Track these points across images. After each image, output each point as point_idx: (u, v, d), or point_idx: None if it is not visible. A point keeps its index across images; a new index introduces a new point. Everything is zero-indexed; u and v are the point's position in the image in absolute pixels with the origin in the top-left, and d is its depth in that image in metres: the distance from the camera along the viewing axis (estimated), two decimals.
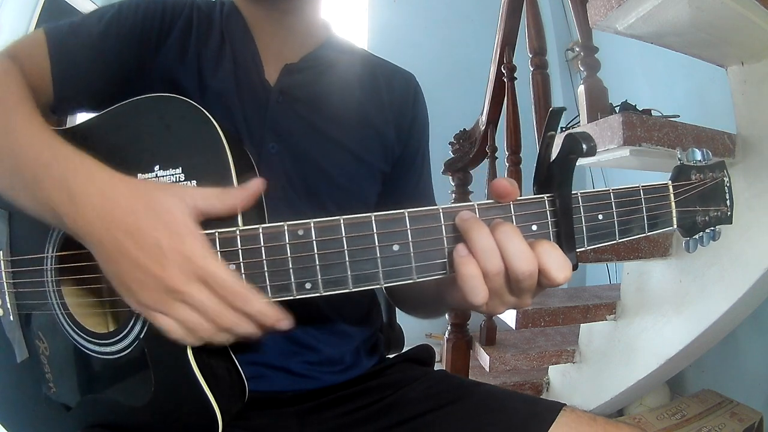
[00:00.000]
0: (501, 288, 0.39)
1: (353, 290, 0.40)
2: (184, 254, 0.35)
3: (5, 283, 0.54)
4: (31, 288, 0.52)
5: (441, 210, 0.40)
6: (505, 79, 1.53)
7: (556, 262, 0.38)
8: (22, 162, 0.40)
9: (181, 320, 0.37)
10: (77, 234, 0.39)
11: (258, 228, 0.39)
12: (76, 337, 0.50)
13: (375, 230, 0.39)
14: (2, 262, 0.54)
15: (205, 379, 0.44)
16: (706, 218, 0.46)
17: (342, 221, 0.39)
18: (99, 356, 0.49)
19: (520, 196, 0.40)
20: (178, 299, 0.36)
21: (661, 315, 1.28)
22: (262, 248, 0.39)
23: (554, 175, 0.40)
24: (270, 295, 0.40)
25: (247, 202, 0.41)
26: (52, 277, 0.50)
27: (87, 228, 0.38)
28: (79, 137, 0.42)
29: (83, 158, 0.39)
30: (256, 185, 0.42)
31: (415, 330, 0.98)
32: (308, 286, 0.40)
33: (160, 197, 0.37)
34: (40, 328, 0.53)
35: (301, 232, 0.39)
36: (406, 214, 0.39)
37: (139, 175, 0.44)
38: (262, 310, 0.38)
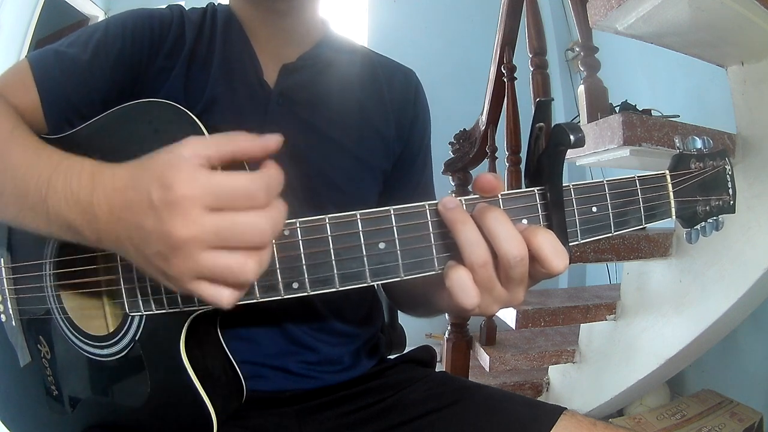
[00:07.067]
0: (491, 280, 0.37)
1: (340, 289, 0.39)
2: (175, 197, 0.31)
3: (7, 290, 0.54)
4: (32, 293, 0.52)
5: (427, 207, 0.39)
6: (505, 79, 1.53)
7: (551, 247, 0.36)
8: (26, 185, 0.39)
9: (212, 269, 0.32)
10: (99, 240, 0.36)
11: None
12: (75, 340, 0.50)
13: (360, 228, 0.39)
14: (3, 268, 0.54)
15: (199, 379, 0.44)
16: (707, 208, 0.45)
17: (327, 220, 0.39)
18: (97, 359, 0.49)
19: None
20: (194, 248, 0.32)
21: (661, 315, 1.28)
22: None
23: (544, 168, 0.39)
24: (258, 295, 0.40)
25: (257, 148, 0.38)
26: (50, 282, 0.50)
27: (103, 226, 0.35)
28: (70, 146, 0.42)
29: (83, 162, 0.38)
30: (273, 139, 0.38)
31: (415, 330, 0.98)
32: (295, 285, 0.39)
33: (152, 161, 0.34)
34: (41, 332, 0.53)
35: (287, 232, 0.39)
36: (392, 211, 0.39)
37: None
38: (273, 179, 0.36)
